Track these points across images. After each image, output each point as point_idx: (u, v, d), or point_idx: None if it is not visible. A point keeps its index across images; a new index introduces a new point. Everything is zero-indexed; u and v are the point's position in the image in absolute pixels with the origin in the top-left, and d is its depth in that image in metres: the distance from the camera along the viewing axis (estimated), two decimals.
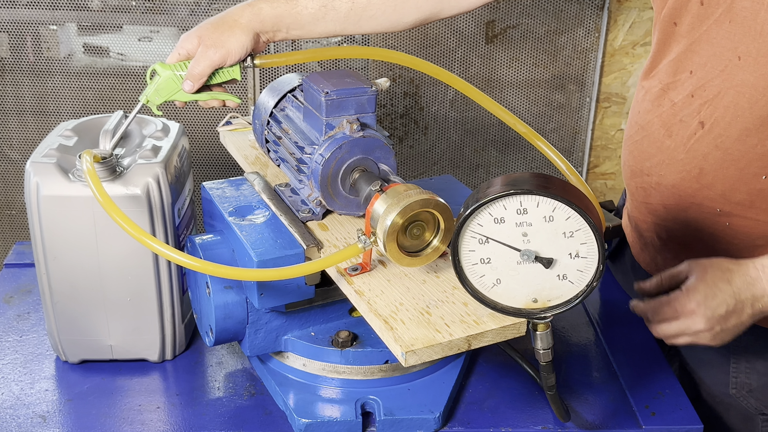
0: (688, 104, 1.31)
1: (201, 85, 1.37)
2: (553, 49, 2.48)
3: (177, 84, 1.38)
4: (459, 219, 1.04)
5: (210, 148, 2.44)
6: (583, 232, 1.03)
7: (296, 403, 1.32)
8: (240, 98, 1.42)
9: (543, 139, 1.48)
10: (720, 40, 1.25)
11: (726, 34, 1.23)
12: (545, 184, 1.02)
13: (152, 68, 1.39)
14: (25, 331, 1.54)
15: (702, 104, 1.29)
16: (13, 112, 2.43)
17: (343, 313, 1.39)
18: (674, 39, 1.33)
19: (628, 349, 1.52)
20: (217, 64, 1.35)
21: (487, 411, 1.35)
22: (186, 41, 1.37)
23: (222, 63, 1.35)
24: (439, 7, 1.45)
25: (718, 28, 1.24)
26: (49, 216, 1.34)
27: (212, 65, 1.35)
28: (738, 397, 1.48)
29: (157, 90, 1.38)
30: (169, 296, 1.43)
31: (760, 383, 1.46)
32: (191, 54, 1.37)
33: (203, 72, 1.35)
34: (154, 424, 1.32)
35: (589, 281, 1.06)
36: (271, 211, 1.34)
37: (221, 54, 1.34)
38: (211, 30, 1.36)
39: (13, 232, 2.60)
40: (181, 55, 1.38)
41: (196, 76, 1.36)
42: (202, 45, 1.35)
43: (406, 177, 2.59)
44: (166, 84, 1.38)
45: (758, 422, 1.49)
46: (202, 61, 1.35)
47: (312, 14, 1.40)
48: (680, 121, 1.33)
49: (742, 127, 1.25)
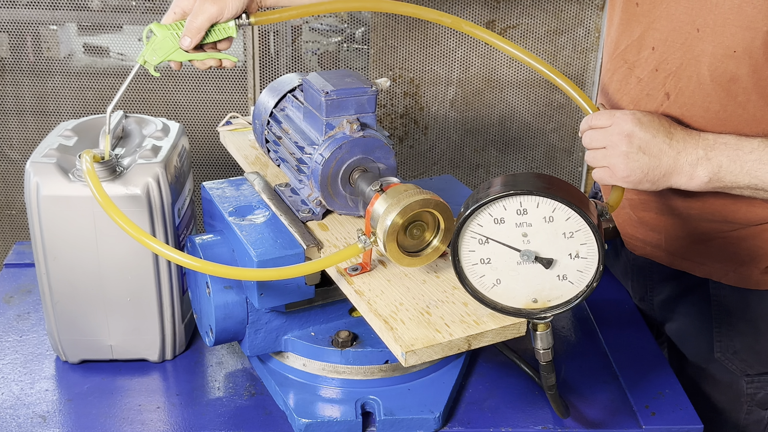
0: (653, 78, 1.36)
1: (199, 40, 1.35)
2: (553, 49, 2.48)
3: (174, 43, 1.35)
4: (459, 219, 1.04)
5: (210, 148, 2.44)
6: (583, 233, 1.03)
7: (296, 403, 1.32)
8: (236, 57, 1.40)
9: None
10: (679, 15, 1.31)
11: (684, 9, 1.30)
12: (545, 184, 1.02)
13: (148, 28, 1.36)
14: (25, 331, 1.54)
15: (666, 77, 1.34)
16: (13, 112, 2.43)
17: (343, 313, 1.39)
18: (636, 19, 1.39)
19: (628, 349, 1.52)
20: (214, 17, 1.34)
21: (487, 411, 1.35)
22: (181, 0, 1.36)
23: (219, 16, 1.34)
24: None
25: (677, 4, 1.31)
26: (49, 216, 1.34)
27: (210, 18, 1.34)
28: (723, 361, 1.51)
29: (153, 49, 1.35)
30: (169, 296, 1.42)
31: (744, 344, 1.49)
32: (187, 12, 1.35)
33: (201, 26, 1.34)
34: (154, 424, 1.32)
35: (589, 282, 1.06)
36: (271, 211, 1.34)
37: (218, 6, 1.33)
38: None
39: (13, 232, 2.60)
40: (176, 14, 1.36)
41: (194, 30, 1.34)
42: None
43: (406, 177, 2.59)
44: (163, 43, 1.35)
45: (743, 384, 1.51)
46: (199, 15, 1.33)
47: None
48: (647, 95, 1.38)
49: (704, 95, 1.30)
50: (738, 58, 1.25)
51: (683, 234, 1.47)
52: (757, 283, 1.43)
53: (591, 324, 1.60)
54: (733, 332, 1.49)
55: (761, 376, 1.50)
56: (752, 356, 1.49)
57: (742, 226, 1.40)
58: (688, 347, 1.57)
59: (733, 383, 1.52)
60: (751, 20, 1.21)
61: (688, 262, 1.50)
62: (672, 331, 1.61)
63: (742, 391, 1.52)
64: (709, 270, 1.48)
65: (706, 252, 1.46)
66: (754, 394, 1.51)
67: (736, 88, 1.27)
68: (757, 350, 1.48)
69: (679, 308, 1.58)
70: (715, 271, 1.47)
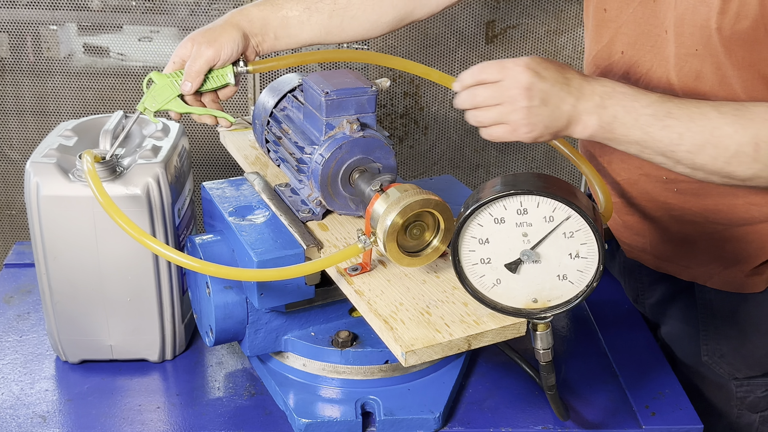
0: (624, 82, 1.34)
1: (199, 84, 1.40)
2: (553, 49, 2.48)
3: (173, 90, 1.40)
4: (459, 219, 1.04)
5: (210, 148, 2.44)
6: (583, 233, 1.03)
7: (296, 403, 1.32)
8: (234, 118, 1.47)
9: None
10: (647, 19, 1.31)
11: (651, 12, 1.30)
12: (546, 184, 1.02)
13: (149, 77, 1.41)
14: (25, 331, 1.54)
15: (637, 80, 1.35)
16: (13, 112, 2.43)
17: (343, 313, 1.39)
18: (604, 24, 1.39)
19: (628, 349, 1.52)
20: (211, 59, 1.38)
21: (487, 411, 1.35)
22: (180, 49, 1.41)
23: (216, 59, 1.39)
24: (411, 6, 1.52)
25: (644, 8, 1.31)
26: (49, 216, 1.34)
27: (207, 61, 1.38)
28: (711, 365, 1.50)
29: (153, 96, 1.39)
30: (169, 296, 1.42)
31: (730, 347, 1.48)
32: (186, 60, 1.40)
33: (200, 69, 1.38)
34: (154, 424, 1.32)
35: (589, 281, 1.06)
36: (271, 211, 1.34)
37: (214, 49, 1.38)
38: (202, 32, 1.41)
39: (13, 232, 2.60)
40: (176, 64, 1.41)
41: (192, 74, 1.38)
42: (195, 45, 1.39)
43: (406, 177, 2.59)
44: (163, 90, 1.40)
45: (732, 388, 1.51)
46: (197, 59, 1.38)
47: (297, 17, 1.46)
48: None
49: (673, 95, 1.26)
50: (701, 57, 1.25)
51: (667, 237, 1.47)
52: (743, 286, 1.42)
53: (591, 324, 1.60)
54: (719, 336, 1.48)
55: (750, 380, 1.49)
56: (739, 360, 1.48)
57: (725, 227, 1.39)
58: (679, 350, 1.57)
59: (723, 386, 1.52)
60: (705, 18, 1.21)
61: (673, 266, 1.50)
62: (664, 334, 1.60)
63: (733, 394, 1.51)
64: (695, 273, 1.47)
65: (691, 255, 1.46)
66: (744, 398, 1.51)
67: (702, 86, 1.27)
68: (743, 354, 1.48)
69: (668, 311, 1.58)
70: (700, 274, 1.46)
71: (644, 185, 1.44)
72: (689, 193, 1.38)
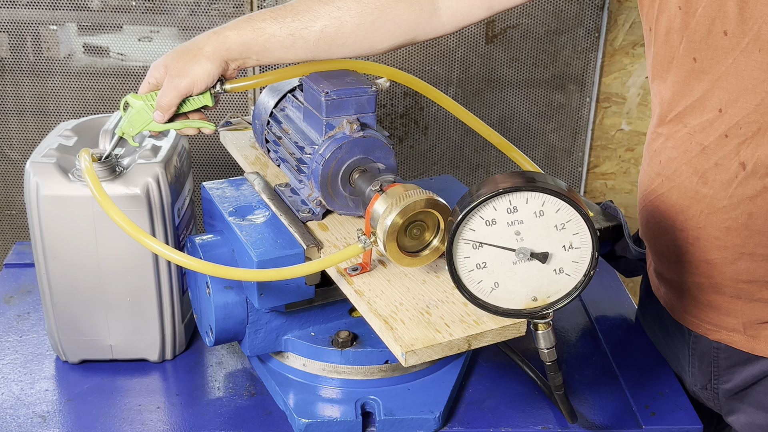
0: (722, 146, 1.21)
1: (171, 114, 1.34)
2: (553, 49, 2.48)
3: (149, 114, 1.35)
4: (450, 227, 1.03)
5: (210, 148, 2.44)
6: (575, 222, 1.03)
7: (296, 403, 1.32)
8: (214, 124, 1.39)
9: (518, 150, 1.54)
10: (750, 72, 1.15)
11: (756, 64, 1.14)
12: (530, 178, 1.02)
13: (125, 100, 1.36)
14: (25, 331, 1.54)
15: (740, 144, 1.19)
16: (13, 112, 2.43)
17: (343, 313, 1.39)
18: (695, 76, 1.23)
19: (628, 349, 1.52)
20: (183, 93, 1.31)
21: (487, 411, 1.35)
22: (154, 70, 1.34)
23: (189, 91, 1.32)
24: (413, 34, 1.40)
25: (747, 59, 1.15)
26: (49, 216, 1.34)
27: (179, 95, 1.31)
28: None
29: (130, 122, 1.35)
30: (169, 296, 1.42)
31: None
32: (160, 83, 1.33)
33: (171, 102, 1.32)
34: (154, 424, 1.32)
35: (586, 271, 1.05)
36: (271, 211, 1.34)
37: (186, 83, 1.30)
38: (176, 59, 1.32)
39: (13, 232, 2.60)
40: (150, 84, 1.34)
41: (164, 107, 1.32)
42: (168, 74, 1.31)
43: (406, 177, 2.59)
44: (138, 115, 1.35)
45: None
46: (169, 92, 1.31)
47: (280, 42, 1.35)
48: (716, 165, 1.23)
49: None
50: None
51: (765, 316, 1.30)
52: None
53: (591, 324, 1.60)
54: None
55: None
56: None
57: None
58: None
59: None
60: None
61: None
62: (740, 425, 1.40)
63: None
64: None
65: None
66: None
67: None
68: None
69: (749, 398, 1.38)
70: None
71: (745, 264, 1.26)
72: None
